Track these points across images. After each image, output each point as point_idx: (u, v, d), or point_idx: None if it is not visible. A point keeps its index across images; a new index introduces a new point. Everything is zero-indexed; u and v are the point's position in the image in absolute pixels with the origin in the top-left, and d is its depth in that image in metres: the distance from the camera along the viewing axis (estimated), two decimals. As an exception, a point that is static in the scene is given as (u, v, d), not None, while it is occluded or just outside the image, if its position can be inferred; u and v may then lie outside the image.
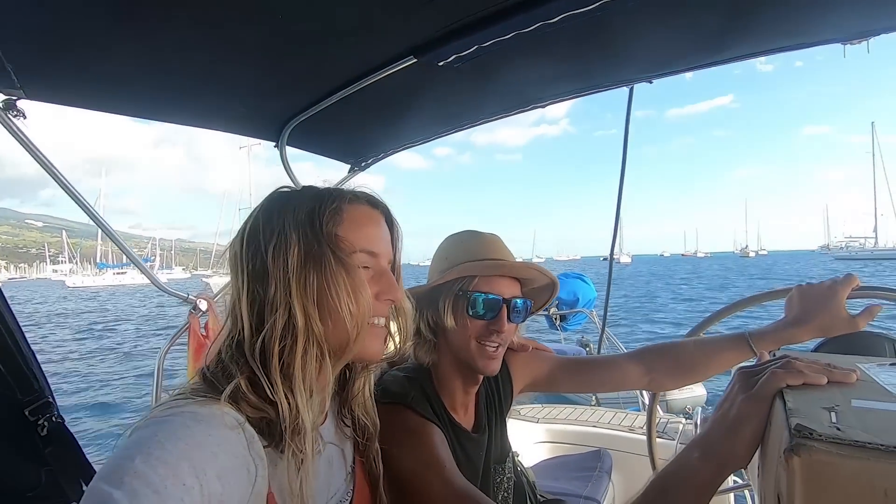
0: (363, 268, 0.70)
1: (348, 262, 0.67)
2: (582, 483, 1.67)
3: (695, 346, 1.10)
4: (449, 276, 0.99)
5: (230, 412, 0.58)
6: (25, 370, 0.86)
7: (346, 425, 0.81)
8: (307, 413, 0.62)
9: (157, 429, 0.52)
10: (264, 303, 0.64)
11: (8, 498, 0.88)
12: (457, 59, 1.14)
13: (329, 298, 0.64)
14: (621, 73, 1.43)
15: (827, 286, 0.99)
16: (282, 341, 0.62)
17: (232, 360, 0.63)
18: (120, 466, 0.47)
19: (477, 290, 0.97)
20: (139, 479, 0.46)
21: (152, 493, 0.45)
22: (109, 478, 0.46)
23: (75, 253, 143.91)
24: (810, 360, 0.59)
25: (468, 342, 0.97)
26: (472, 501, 0.78)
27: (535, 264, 1.04)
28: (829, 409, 0.45)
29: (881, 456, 0.36)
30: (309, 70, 1.21)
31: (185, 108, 1.37)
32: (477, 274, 0.98)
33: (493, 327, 0.97)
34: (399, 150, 1.89)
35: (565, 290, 4.60)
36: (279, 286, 0.63)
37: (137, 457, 0.48)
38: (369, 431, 0.81)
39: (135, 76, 1.13)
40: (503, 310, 0.97)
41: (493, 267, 0.99)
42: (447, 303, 0.98)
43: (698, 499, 0.59)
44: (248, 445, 0.57)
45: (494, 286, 0.98)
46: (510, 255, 1.06)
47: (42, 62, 1.02)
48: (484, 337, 0.97)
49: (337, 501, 0.73)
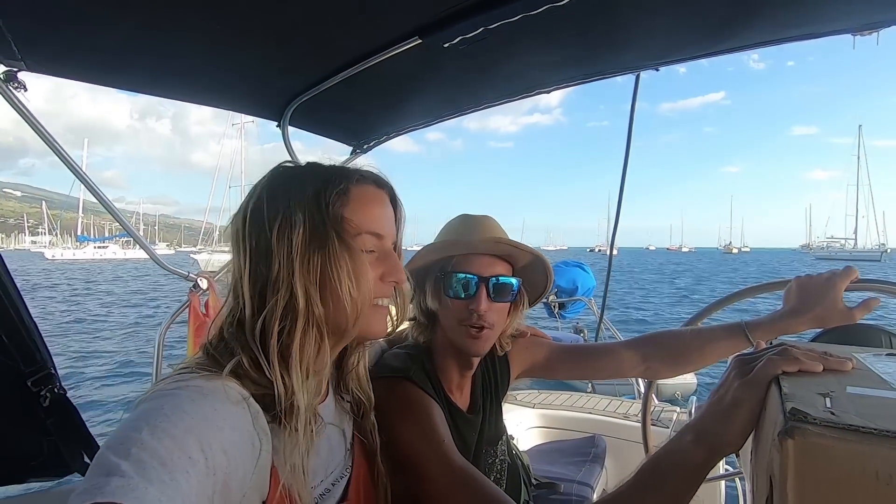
0: (368, 250, 0.70)
1: (352, 245, 0.67)
2: (576, 468, 1.69)
3: (691, 336, 1.11)
4: (422, 258, 1.00)
5: (235, 387, 0.58)
6: (28, 341, 0.86)
7: (345, 400, 0.81)
8: (302, 394, 0.62)
9: (163, 402, 0.52)
10: (266, 282, 0.64)
11: (11, 465, 0.89)
12: (462, 41, 1.13)
13: (331, 280, 0.64)
14: (628, 60, 1.41)
15: (825, 278, 0.99)
16: (282, 322, 0.62)
17: (233, 338, 0.63)
18: (127, 438, 0.47)
19: (455, 269, 0.97)
20: (146, 450, 0.46)
21: (158, 464, 0.46)
22: (116, 448, 0.46)
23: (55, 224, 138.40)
24: (807, 349, 0.59)
25: (452, 322, 0.98)
26: (469, 476, 0.79)
27: (505, 239, 1.00)
28: (824, 395, 0.45)
29: (874, 439, 0.37)
30: (313, 49, 1.19)
31: (188, 85, 1.36)
32: (453, 254, 0.98)
33: (472, 307, 0.95)
34: (402, 133, 1.88)
35: (565, 278, 4.61)
36: (282, 266, 0.63)
37: (144, 429, 0.48)
38: (364, 406, 0.82)
39: (137, 51, 1.12)
40: (481, 288, 0.96)
41: (461, 246, 0.98)
42: (429, 285, 1.00)
43: (690, 481, 0.60)
44: (252, 420, 0.58)
45: (472, 265, 0.97)
46: (501, 235, 1.03)
47: (44, 34, 1.01)
48: (465, 317, 0.96)
49: (336, 477, 0.74)
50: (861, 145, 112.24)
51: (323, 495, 0.70)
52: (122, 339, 12.93)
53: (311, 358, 0.64)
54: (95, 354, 10.99)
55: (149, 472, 0.44)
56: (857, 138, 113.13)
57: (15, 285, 0.86)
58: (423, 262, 1.00)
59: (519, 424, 2.24)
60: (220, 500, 0.52)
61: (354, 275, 0.66)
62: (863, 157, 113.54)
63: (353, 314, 0.66)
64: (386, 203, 0.75)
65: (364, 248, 0.69)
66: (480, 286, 0.96)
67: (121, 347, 11.81)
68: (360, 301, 0.67)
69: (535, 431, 2.29)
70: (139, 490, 0.43)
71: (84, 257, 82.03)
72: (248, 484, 0.56)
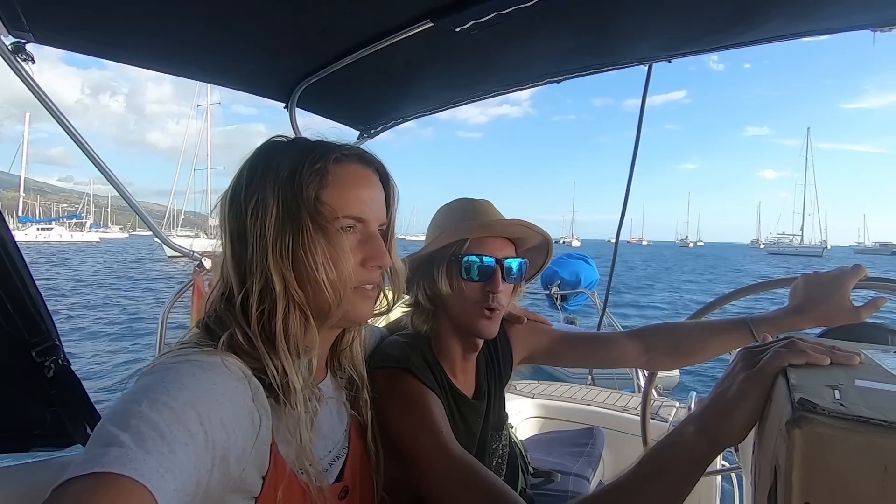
0: (348, 231, 0.68)
1: (328, 229, 0.65)
2: (573, 459, 1.70)
3: (695, 329, 1.11)
4: (439, 241, 0.98)
5: (236, 363, 0.59)
6: (33, 312, 0.87)
7: (339, 377, 0.82)
8: (295, 374, 0.62)
9: (163, 375, 0.53)
10: (244, 265, 0.64)
11: (15, 433, 0.90)
12: (474, 26, 1.11)
13: (306, 265, 0.63)
14: (642, 50, 1.40)
15: (834, 275, 0.99)
16: (260, 304, 0.62)
17: (225, 314, 0.64)
18: (127, 410, 0.48)
19: (469, 252, 0.96)
20: (145, 422, 0.46)
21: (157, 436, 0.46)
22: (116, 420, 0.47)
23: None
24: (814, 342, 0.59)
25: (465, 306, 0.97)
26: (467, 468, 0.79)
27: (525, 221, 1.01)
28: (832, 387, 0.45)
29: (884, 432, 0.36)
30: (324, 30, 1.18)
31: (196, 61, 1.35)
32: (467, 237, 0.97)
33: (489, 289, 0.96)
34: (410, 118, 1.86)
35: (568, 270, 4.61)
36: (256, 250, 0.63)
37: (144, 401, 0.48)
38: (357, 384, 0.82)
39: (146, 25, 1.11)
40: (497, 271, 0.97)
41: (481, 228, 0.98)
42: (440, 269, 0.97)
43: (691, 472, 0.60)
44: (252, 396, 0.58)
45: (486, 248, 0.97)
46: (502, 218, 1.04)
47: (53, 5, 1.00)
48: (481, 300, 0.96)
49: (333, 457, 0.75)
50: (809, 147, 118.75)
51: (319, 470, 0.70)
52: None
53: (297, 339, 0.64)
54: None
55: (147, 444, 0.45)
56: (806, 140, 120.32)
57: (21, 256, 0.86)
58: (437, 246, 0.99)
59: (517, 414, 2.25)
60: (220, 473, 0.52)
61: (331, 259, 0.64)
62: (810, 159, 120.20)
63: (335, 299, 0.65)
64: (371, 183, 0.72)
65: (343, 231, 0.67)
66: (496, 268, 0.97)
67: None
68: (340, 286, 0.65)
69: (533, 421, 2.30)
70: (137, 461, 0.43)
71: (25, 239, 74.24)
72: (248, 459, 0.57)
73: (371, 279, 0.71)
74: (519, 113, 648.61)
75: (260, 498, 0.59)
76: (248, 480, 0.58)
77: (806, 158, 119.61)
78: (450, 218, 1.02)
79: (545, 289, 4.62)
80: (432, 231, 1.04)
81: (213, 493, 0.52)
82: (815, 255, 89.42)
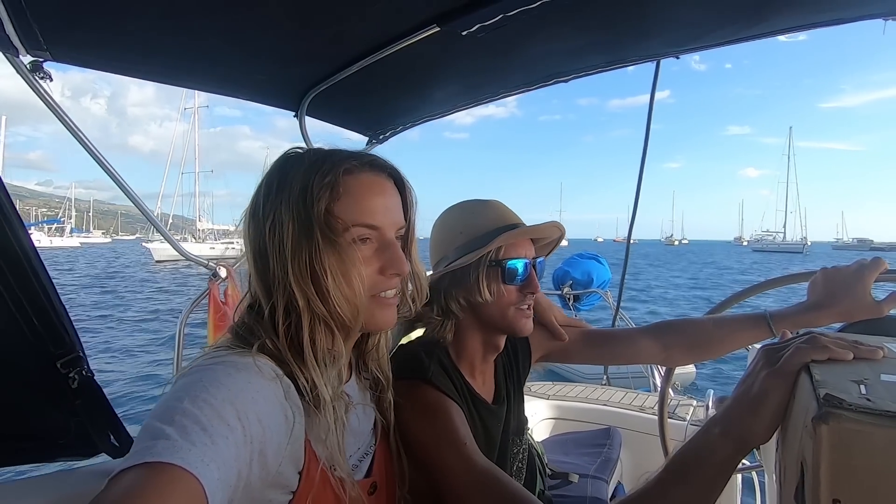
0: (363, 242, 0.68)
1: (338, 241, 0.65)
2: (591, 459, 1.69)
3: (713, 324, 1.10)
4: (478, 251, 0.95)
5: (268, 363, 0.61)
6: (57, 324, 0.88)
7: (364, 378, 0.82)
8: (324, 385, 0.63)
9: (201, 375, 0.55)
10: (268, 280, 0.65)
11: (40, 443, 0.92)
12: (481, 29, 1.12)
13: (322, 279, 0.64)
14: (649, 47, 1.39)
15: (854, 270, 0.97)
16: (287, 318, 0.64)
17: (254, 323, 0.66)
18: (170, 407, 0.50)
19: (507, 257, 0.96)
20: (188, 417, 0.49)
21: (200, 429, 0.48)
22: (161, 416, 0.49)
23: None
24: (837, 337, 0.58)
25: (506, 310, 0.97)
26: (492, 478, 0.78)
27: (555, 222, 1.04)
28: (857, 382, 0.44)
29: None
30: (331, 38, 1.19)
31: (208, 74, 1.37)
32: (505, 243, 0.97)
33: (528, 289, 0.98)
34: (419, 123, 1.87)
35: (579, 270, 4.58)
36: (277, 266, 0.64)
37: (185, 398, 0.51)
38: (382, 384, 0.83)
39: (159, 41, 1.13)
40: (532, 271, 0.99)
41: (522, 232, 0.99)
42: (480, 276, 0.95)
43: (718, 475, 0.59)
44: (285, 394, 0.60)
45: (520, 250, 0.98)
46: (519, 218, 1.05)
47: (69, 24, 1.03)
48: (520, 301, 0.98)
49: (362, 454, 0.76)
50: (791, 145, 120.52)
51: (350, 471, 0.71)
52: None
53: (324, 350, 0.65)
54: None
55: (192, 436, 0.47)
56: (788, 139, 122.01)
57: (45, 268, 0.88)
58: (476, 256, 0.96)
59: (533, 415, 2.24)
60: (258, 467, 0.54)
61: (342, 273, 0.65)
62: (792, 157, 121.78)
63: (351, 311, 0.66)
64: (384, 190, 0.72)
65: (357, 242, 0.67)
66: (531, 269, 0.99)
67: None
68: (355, 298, 0.66)
69: (549, 423, 2.29)
70: (183, 451, 0.45)
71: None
72: (284, 454, 0.59)
73: (390, 286, 0.72)
74: (505, 114, 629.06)
75: (297, 493, 0.61)
76: (285, 475, 0.60)
77: (788, 157, 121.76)
78: (472, 224, 1.00)
79: (556, 289, 4.59)
80: (453, 237, 1.00)
81: (253, 487, 0.55)
82: (797, 251, 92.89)
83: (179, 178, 66.51)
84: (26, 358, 0.87)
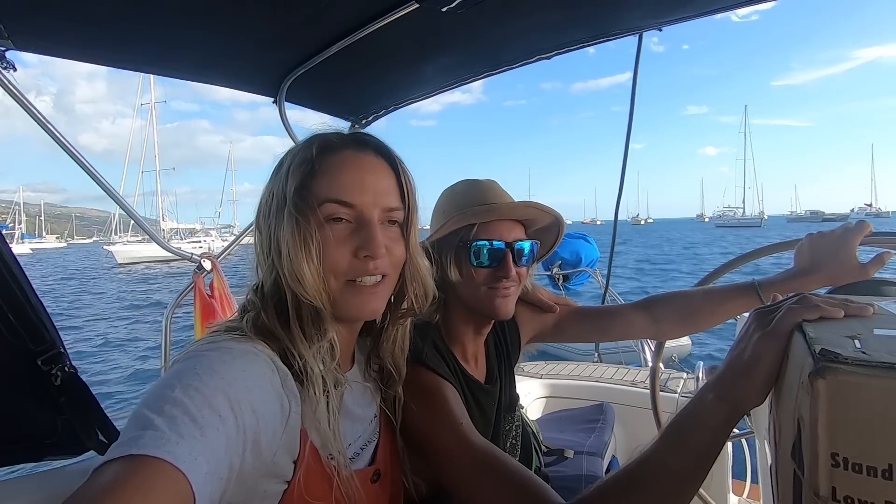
0: (338, 221, 0.64)
1: (302, 220, 0.62)
2: (585, 435, 1.71)
3: (702, 295, 1.10)
4: (446, 228, 0.96)
5: (265, 350, 0.60)
6: (35, 320, 0.86)
7: (374, 370, 0.81)
8: (312, 357, 0.62)
9: (195, 362, 0.54)
10: (261, 257, 0.68)
11: (27, 443, 0.90)
12: (461, 5, 1.09)
13: (285, 258, 0.63)
14: (631, 20, 1.38)
15: (838, 234, 0.98)
16: (275, 294, 0.65)
17: (253, 299, 0.67)
18: (161, 395, 0.49)
19: (477, 238, 0.94)
20: (178, 406, 0.47)
21: (190, 420, 0.47)
22: (151, 405, 0.48)
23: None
24: (826, 297, 0.58)
25: (477, 291, 0.96)
26: (490, 457, 0.77)
27: (534, 202, 0.99)
28: (851, 338, 0.44)
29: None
30: (309, 19, 1.16)
31: (182, 61, 1.33)
32: (475, 221, 0.95)
33: (500, 273, 0.95)
34: (401, 105, 1.85)
35: (568, 250, 4.58)
36: (264, 244, 0.67)
37: (177, 387, 0.49)
38: (393, 378, 0.80)
39: (129, 27, 1.09)
40: (507, 255, 0.95)
41: (488, 212, 0.95)
42: (449, 256, 0.95)
43: (714, 441, 0.59)
44: (281, 382, 0.59)
45: (495, 232, 0.95)
46: (508, 199, 1.02)
47: (31, 11, 0.98)
48: (492, 283, 0.95)
49: (365, 442, 0.75)
50: (746, 123, 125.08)
51: (352, 458, 0.71)
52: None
53: (309, 325, 0.64)
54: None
55: (180, 428, 0.46)
56: (743, 116, 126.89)
57: (19, 265, 0.85)
58: (443, 233, 0.96)
59: (527, 395, 2.26)
60: (252, 457, 0.53)
61: (303, 250, 0.62)
62: (748, 135, 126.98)
63: (316, 293, 0.63)
64: (364, 166, 0.67)
65: (331, 222, 0.64)
66: (507, 252, 0.95)
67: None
68: (316, 279, 0.63)
69: (543, 402, 2.31)
70: (171, 444, 0.44)
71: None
72: (278, 443, 0.58)
73: (364, 271, 0.66)
74: (471, 100, 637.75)
75: (292, 482, 0.60)
76: (279, 464, 0.59)
77: (745, 135, 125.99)
78: (454, 203, 0.99)
79: (546, 269, 4.60)
80: (438, 218, 1.01)
81: (247, 476, 0.54)
82: (755, 225, 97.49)
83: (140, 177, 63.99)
84: (5, 356, 0.84)
